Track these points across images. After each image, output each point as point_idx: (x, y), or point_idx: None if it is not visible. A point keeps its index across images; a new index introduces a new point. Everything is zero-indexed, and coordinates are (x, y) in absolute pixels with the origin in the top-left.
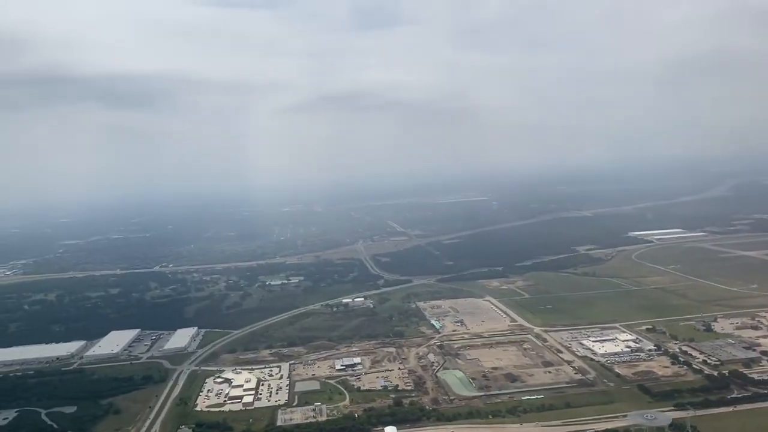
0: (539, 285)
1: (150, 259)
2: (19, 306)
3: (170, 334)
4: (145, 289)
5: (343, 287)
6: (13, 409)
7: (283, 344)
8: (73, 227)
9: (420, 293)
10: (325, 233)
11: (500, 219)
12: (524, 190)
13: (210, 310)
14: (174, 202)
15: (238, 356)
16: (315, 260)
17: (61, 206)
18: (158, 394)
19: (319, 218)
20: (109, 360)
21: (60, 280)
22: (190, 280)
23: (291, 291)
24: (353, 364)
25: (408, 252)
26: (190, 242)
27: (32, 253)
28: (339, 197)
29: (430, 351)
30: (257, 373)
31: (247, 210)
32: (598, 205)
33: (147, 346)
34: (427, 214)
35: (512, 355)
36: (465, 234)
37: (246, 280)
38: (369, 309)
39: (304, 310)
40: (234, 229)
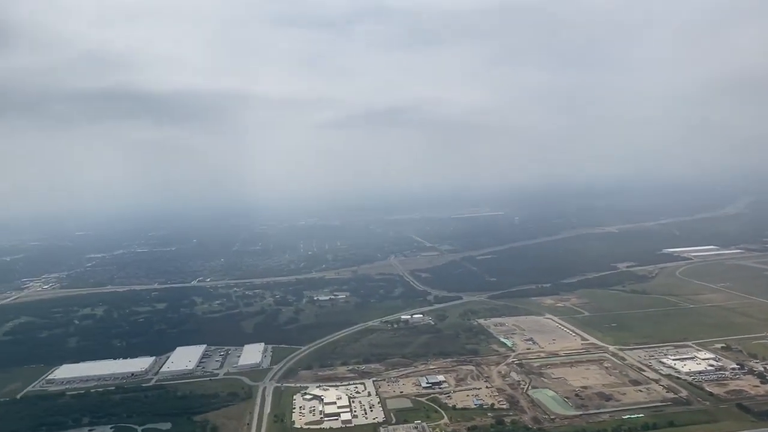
0: (594, 303)
1: (184, 274)
2: (69, 320)
3: (237, 349)
4: (191, 303)
5: (393, 303)
6: (108, 425)
7: (358, 361)
8: (92, 240)
9: (477, 310)
10: (353, 248)
11: (526, 234)
12: (539, 204)
13: (267, 325)
14: (191, 214)
15: (317, 373)
16: (353, 275)
17: (74, 218)
18: (250, 410)
19: (340, 232)
20: (186, 376)
21: (101, 295)
22: (233, 294)
23: (342, 307)
24: (438, 382)
25: (445, 268)
26: (217, 256)
27: (61, 267)
28: (354, 211)
29: (511, 369)
30: (343, 390)
31: (264, 223)
32: (620, 221)
33: (219, 362)
34: (449, 229)
35: (596, 374)
36: (496, 250)
37: (291, 295)
38: (431, 326)
39: (363, 327)
40: (258, 243)
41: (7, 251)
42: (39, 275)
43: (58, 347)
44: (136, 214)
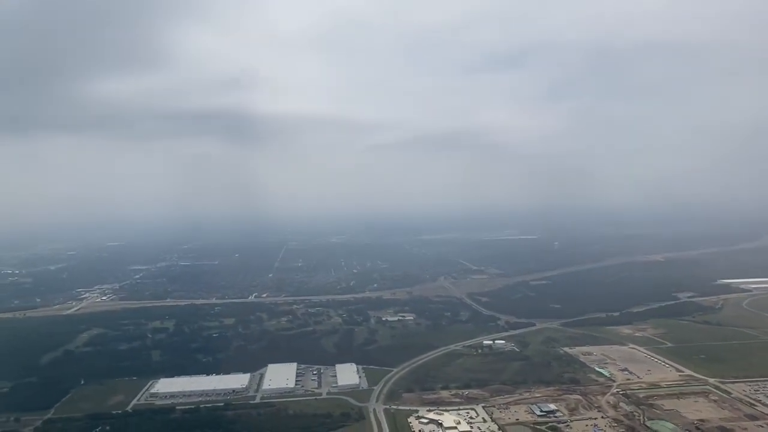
0: (672, 333)
1: (237, 289)
2: (143, 334)
3: (328, 369)
4: (258, 320)
5: (465, 327)
6: None
7: (459, 386)
8: (127, 251)
9: (557, 338)
10: (397, 268)
11: (571, 260)
12: (570, 229)
13: (347, 345)
14: (223, 229)
15: (421, 396)
16: (410, 297)
17: (101, 229)
18: None
19: (377, 251)
20: (288, 394)
21: (163, 308)
22: (297, 312)
23: (414, 329)
24: (552, 411)
25: (502, 292)
26: (262, 272)
27: (109, 278)
28: (383, 230)
29: (618, 400)
30: (455, 416)
31: (297, 240)
32: (661, 250)
33: (315, 381)
34: (488, 251)
35: (707, 407)
36: (547, 275)
37: (356, 314)
38: (516, 352)
39: (446, 350)
40: (298, 260)
41: (48, 260)
42: (90, 286)
43: (143, 360)
44: (165, 226)
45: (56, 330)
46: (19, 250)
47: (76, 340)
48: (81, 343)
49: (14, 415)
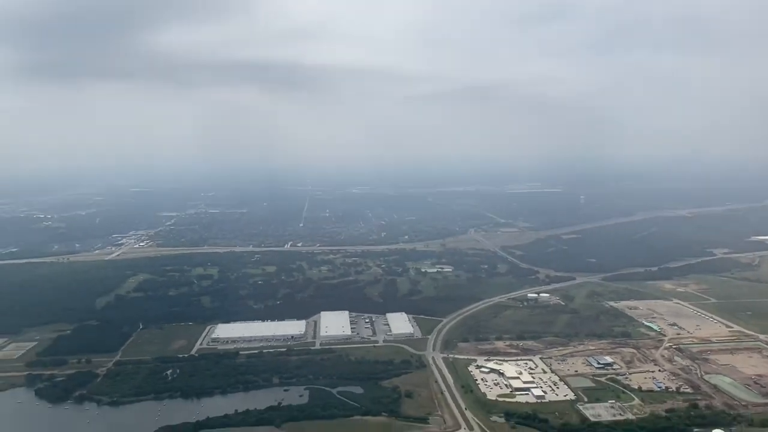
0: (714, 289)
1: (272, 237)
2: (188, 280)
3: (380, 317)
4: (299, 269)
5: (505, 280)
6: (301, 386)
7: (512, 337)
8: (151, 198)
9: (600, 293)
10: (425, 220)
11: (599, 215)
12: (594, 183)
13: (392, 294)
14: (246, 177)
15: (477, 346)
16: (444, 249)
17: (117, 176)
18: (433, 380)
19: (402, 203)
20: (346, 341)
21: (203, 255)
22: (337, 262)
23: (455, 280)
24: (609, 363)
25: (535, 246)
26: (292, 221)
27: (141, 224)
28: (405, 181)
29: (672, 354)
30: (515, 366)
31: (320, 189)
32: (687, 205)
33: (368, 329)
34: (514, 205)
35: (762, 362)
36: (577, 229)
37: (395, 265)
38: (562, 306)
39: (491, 302)
40: (325, 209)
41: (77, 205)
42: (125, 232)
43: (195, 306)
44: (188, 175)
45: (103, 275)
46: (46, 194)
47: (125, 285)
48: (131, 289)
49: (84, 356)
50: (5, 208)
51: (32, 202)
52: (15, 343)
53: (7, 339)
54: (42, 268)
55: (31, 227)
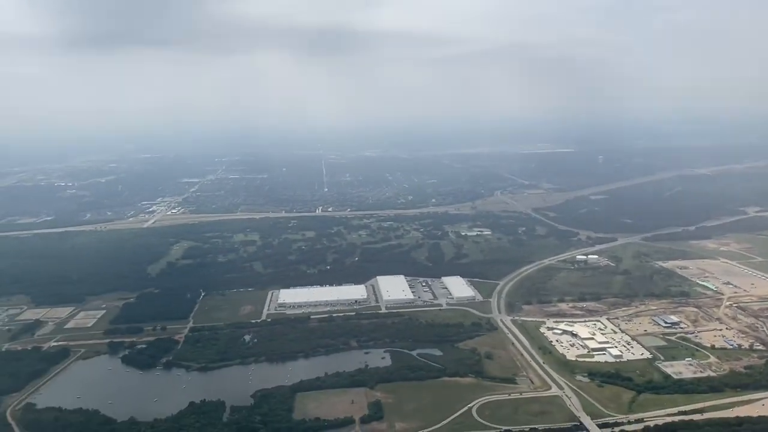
0: (757, 248)
1: (300, 203)
2: (232, 246)
3: (435, 281)
4: (338, 234)
5: (548, 242)
6: (380, 348)
7: (573, 299)
8: (164, 163)
9: (645, 253)
10: (446, 183)
11: (621, 175)
12: (604, 142)
13: (439, 258)
14: (251, 142)
15: (541, 308)
16: (475, 212)
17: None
18: (505, 342)
19: (417, 165)
20: (409, 305)
21: (239, 221)
22: (372, 226)
23: (497, 243)
24: (676, 323)
25: (566, 207)
26: (314, 185)
27: (166, 191)
28: (412, 143)
29: (735, 312)
30: (585, 327)
31: (331, 153)
32: (706, 163)
33: (428, 293)
34: (530, 165)
35: None
36: (603, 190)
37: (432, 228)
38: (613, 267)
39: (542, 264)
40: (345, 174)
41: (93, 172)
42: (152, 199)
43: (249, 272)
44: (199, 139)
45: (146, 242)
46: (56, 162)
47: (171, 253)
48: (179, 256)
49: (157, 323)
50: (22, 176)
51: (47, 170)
52: (83, 311)
53: (74, 307)
54: (82, 237)
55: (55, 195)
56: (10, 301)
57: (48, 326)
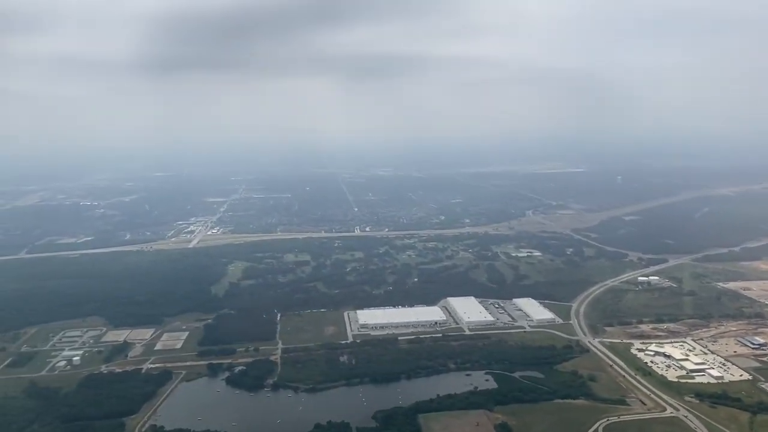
0: None
1: (333, 222)
2: (287, 267)
3: (507, 303)
4: (387, 254)
5: (601, 264)
6: (480, 370)
7: (651, 320)
8: (180, 183)
9: (704, 274)
10: (473, 202)
11: (643, 195)
12: (612, 162)
13: (499, 279)
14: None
15: (624, 329)
16: (514, 232)
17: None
18: (602, 364)
19: (436, 184)
20: (492, 327)
21: (284, 242)
22: (418, 246)
23: (551, 265)
24: (763, 344)
25: (604, 228)
26: (341, 204)
27: (197, 211)
28: (422, 161)
29: None
30: (677, 348)
31: (345, 172)
32: (724, 183)
33: (504, 315)
34: (549, 185)
35: None
36: (633, 210)
37: (480, 249)
38: (676, 288)
39: (605, 286)
40: (367, 193)
41: (113, 191)
42: (186, 218)
43: (315, 293)
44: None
45: (199, 263)
46: (69, 181)
47: (229, 273)
48: (239, 276)
49: (247, 344)
50: (43, 194)
51: (65, 189)
52: (166, 333)
53: (154, 329)
54: (131, 257)
55: (85, 215)
56: (86, 322)
57: (137, 348)
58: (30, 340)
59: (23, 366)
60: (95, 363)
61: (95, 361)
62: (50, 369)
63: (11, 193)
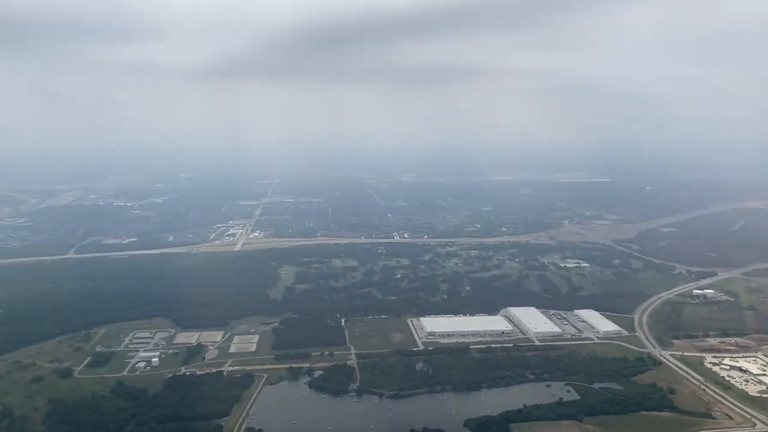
0: None
1: (371, 228)
2: (335, 273)
3: (568, 314)
4: (432, 261)
5: (651, 276)
6: (559, 381)
7: (717, 333)
8: (206, 184)
9: (758, 288)
10: (504, 211)
11: (676, 207)
12: (636, 172)
13: (554, 290)
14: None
15: (692, 343)
16: (555, 242)
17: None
18: (678, 377)
19: (461, 192)
20: (560, 338)
21: (327, 246)
22: (462, 254)
23: (600, 276)
24: None
25: (644, 239)
26: (375, 210)
27: (233, 214)
28: (441, 167)
29: None
30: (752, 363)
31: (369, 177)
32: (753, 196)
33: (568, 325)
34: (578, 194)
35: None
36: (669, 222)
37: (527, 258)
38: (733, 302)
39: (661, 299)
40: (397, 199)
41: (143, 192)
42: (224, 221)
43: (372, 298)
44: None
45: (248, 266)
46: (95, 181)
47: (282, 277)
48: (292, 280)
49: (324, 349)
50: (73, 194)
51: (94, 189)
52: (237, 335)
53: (224, 332)
54: (180, 259)
55: (121, 216)
56: (152, 324)
57: (211, 350)
58: (102, 340)
59: (102, 366)
60: (174, 365)
61: (173, 362)
62: (131, 369)
63: (44, 192)
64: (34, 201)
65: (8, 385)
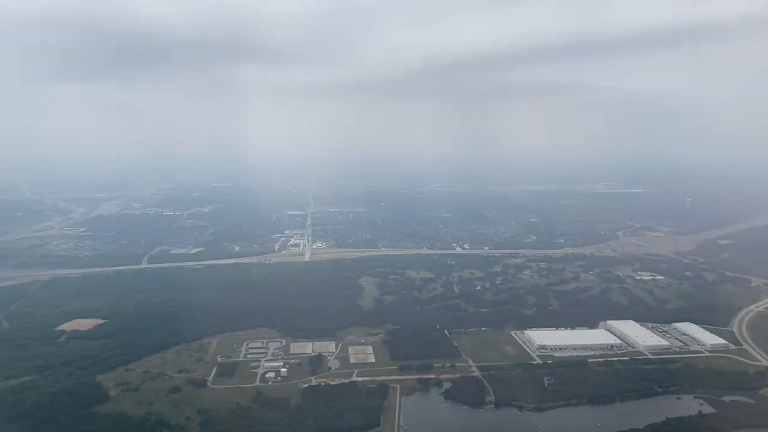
0: None
1: (431, 239)
2: (414, 284)
3: (665, 326)
4: (505, 273)
5: (730, 288)
6: (688, 395)
7: None
8: (247, 194)
9: None
10: (551, 222)
11: (723, 219)
12: (666, 183)
13: (640, 302)
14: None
15: None
16: (618, 254)
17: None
18: None
19: (502, 203)
20: (670, 352)
21: (394, 258)
22: (531, 266)
23: (680, 289)
24: None
25: (705, 251)
26: (426, 221)
27: (287, 224)
28: (470, 177)
29: None
30: None
31: (404, 188)
32: None
33: (670, 338)
34: (619, 206)
35: None
36: (724, 233)
37: (600, 271)
38: None
39: (750, 312)
40: (441, 209)
41: (185, 201)
42: (281, 231)
43: (463, 311)
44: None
45: (327, 276)
46: (130, 190)
47: (365, 289)
48: (377, 291)
49: (443, 360)
50: (117, 202)
51: (134, 197)
52: (350, 346)
53: (335, 342)
54: (259, 269)
55: (175, 225)
56: (259, 333)
57: (332, 361)
58: (218, 350)
59: (231, 376)
60: (301, 375)
61: (300, 373)
62: (262, 380)
63: (88, 201)
64: (83, 210)
65: (149, 394)
